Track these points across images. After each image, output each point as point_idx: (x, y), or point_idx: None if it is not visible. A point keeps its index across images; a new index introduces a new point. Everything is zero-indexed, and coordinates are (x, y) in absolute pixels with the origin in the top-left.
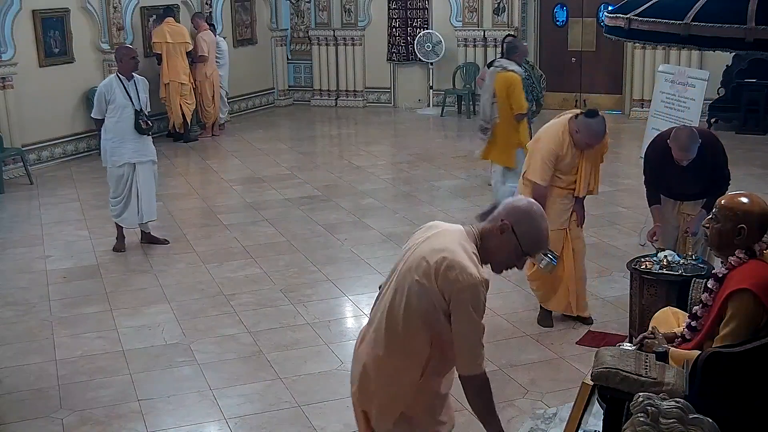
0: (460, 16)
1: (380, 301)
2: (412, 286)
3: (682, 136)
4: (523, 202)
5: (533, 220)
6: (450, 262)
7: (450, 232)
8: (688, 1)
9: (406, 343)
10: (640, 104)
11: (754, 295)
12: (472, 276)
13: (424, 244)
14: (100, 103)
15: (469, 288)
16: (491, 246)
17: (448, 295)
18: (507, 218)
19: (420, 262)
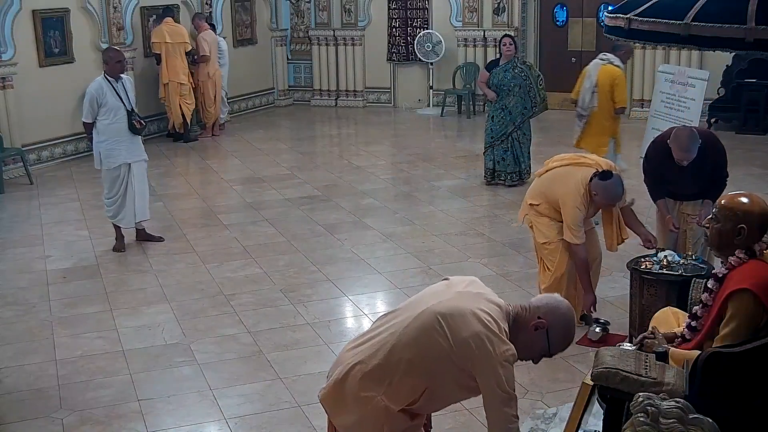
0: (460, 16)
1: (391, 322)
2: (435, 332)
3: (683, 137)
4: (564, 306)
5: (567, 328)
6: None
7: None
8: (688, 1)
9: (398, 379)
10: (640, 104)
11: (754, 295)
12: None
13: (461, 297)
14: (92, 106)
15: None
16: (520, 337)
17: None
18: (545, 317)
19: (453, 314)
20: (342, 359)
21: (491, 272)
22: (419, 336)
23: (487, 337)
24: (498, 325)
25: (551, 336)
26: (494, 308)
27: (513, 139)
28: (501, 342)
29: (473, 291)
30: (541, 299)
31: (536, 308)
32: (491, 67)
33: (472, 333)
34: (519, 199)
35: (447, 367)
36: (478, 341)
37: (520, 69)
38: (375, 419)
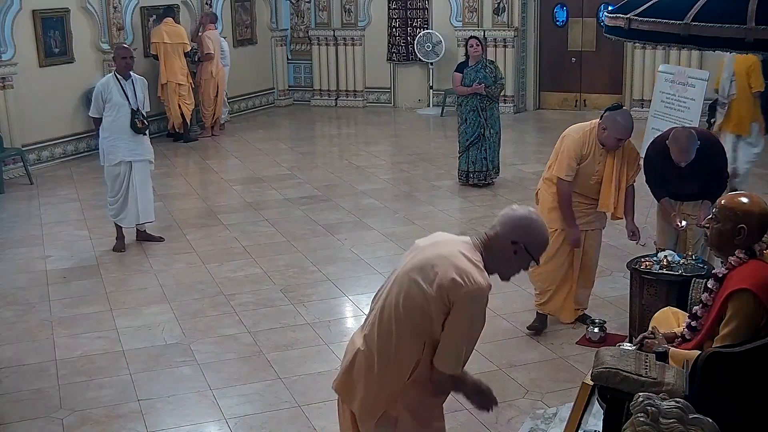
0: (460, 16)
1: (378, 300)
2: (412, 288)
3: (681, 138)
4: (524, 218)
5: (539, 232)
6: (456, 268)
7: (454, 241)
8: (688, 1)
9: (398, 343)
10: (640, 104)
11: (754, 295)
12: (478, 283)
13: (429, 249)
14: (97, 102)
15: (474, 294)
16: (500, 262)
17: (452, 298)
18: (519, 239)
19: (424, 266)
20: (350, 347)
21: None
22: (400, 300)
23: (458, 272)
24: (468, 257)
25: (531, 250)
26: (462, 245)
27: (486, 138)
28: (476, 271)
29: (438, 241)
30: (504, 221)
31: (505, 234)
32: (461, 69)
33: (443, 273)
34: (519, 199)
35: (434, 314)
36: (452, 278)
37: (490, 69)
38: (388, 396)
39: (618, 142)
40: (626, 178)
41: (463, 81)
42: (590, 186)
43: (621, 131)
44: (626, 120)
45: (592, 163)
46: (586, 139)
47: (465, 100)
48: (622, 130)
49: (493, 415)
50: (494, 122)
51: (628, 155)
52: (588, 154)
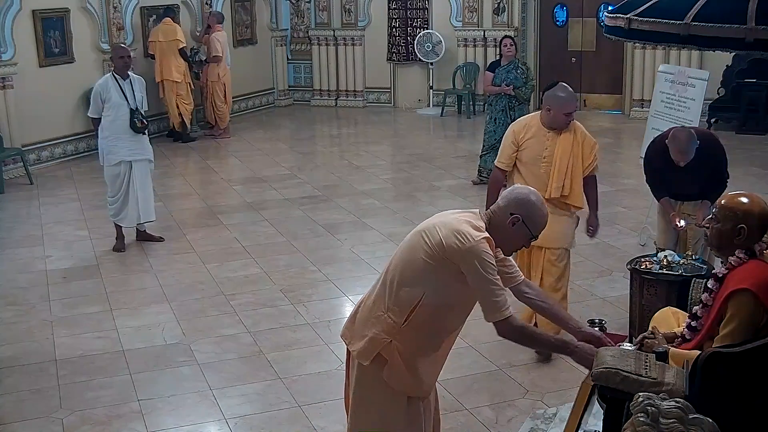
0: (460, 16)
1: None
2: (417, 243)
3: (680, 137)
4: (525, 194)
5: (538, 209)
6: (455, 230)
7: (460, 212)
8: (688, 1)
9: (398, 288)
10: (640, 104)
11: (754, 295)
12: (472, 237)
13: (436, 218)
14: (96, 102)
15: (472, 248)
16: (502, 235)
17: (456, 258)
18: (517, 211)
19: (428, 227)
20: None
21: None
22: (406, 254)
23: (456, 233)
24: (471, 222)
25: (529, 223)
26: (467, 214)
27: None
28: (475, 230)
29: (445, 213)
30: (506, 198)
31: (505, 207)
32: (493, 68)
33: (444, 233)
34: None
35: (437, 269)
36: (456, 236)
37: (522, 70)
38: (384, 334)
39: (567, 118)
40: (582, 167)
41: (494, 80)
42: (540, 176)
43: (565, 104)
44: (566, 92)
45: (537, 147)
46: (527, 122)
47: (495, 99)
48: (565, 103)
49: (493, 415)
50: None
51: (582, 142)
52: (529, 137)
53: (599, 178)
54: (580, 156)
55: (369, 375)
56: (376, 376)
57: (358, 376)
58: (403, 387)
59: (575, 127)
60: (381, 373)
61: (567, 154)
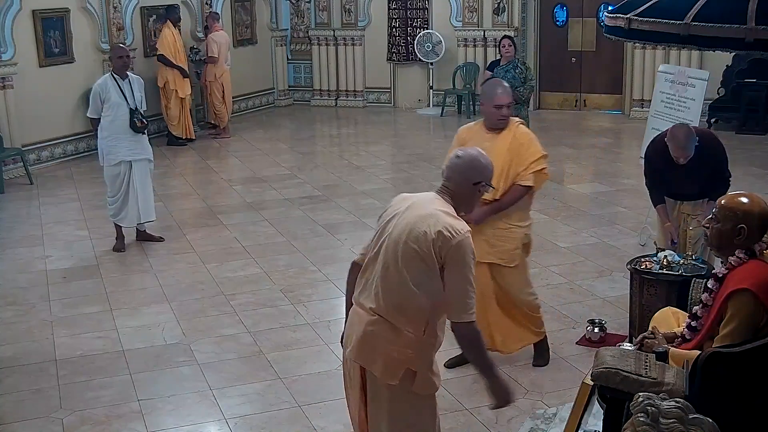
0: (460, 16)
1: (373, 272)
2: (406, 252)
3: (679, 134)
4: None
5: (488, 164)
6: (442, 224)
7: (427, 199)
8: (688, 1)
9: (407, 305)
10: (640, 104)
11: (754, 295)
12: (461, 233)
13: (408, 213)
14: (95, 102)
15: (462, 243)
16: (466, 203)
17: (444, 253)
18: (480, 179)
19: (412, 229)
20: (355, 319)
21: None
22: (400, 266)
23: (443, 227)
24: (444, 211)
25: (485, 180)
26: (435, 202)
27: None
28: (456, 222)
29: (414, 203)
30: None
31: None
32: (492, 67)
33: (431, 230)
34: None
35: (431, 271)
36: (439, 233)
37: (521, 70)
38: (408, 350)
39: (497, 112)
40: (517, 171)
41: None
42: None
43: (494, 97)
44: (495, 85)
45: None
46: (473, 125)
47: None
48: (494, 96)
49: (493, 415)
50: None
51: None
52: (469, 139)
53: (599, 178)
54: (518, 159)
55: (398, 392)
56: (405, 390)
57: (390, 396)
58: (430, 389)
59: (517, 130)
60: (410, 386)
61: (503, 155)
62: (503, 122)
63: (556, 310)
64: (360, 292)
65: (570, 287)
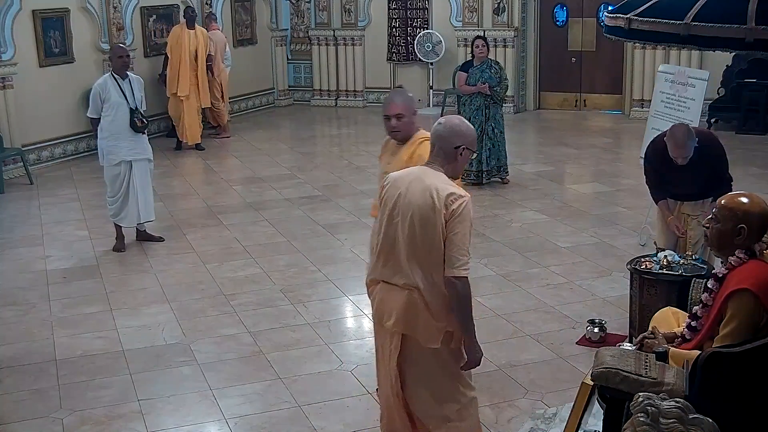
0: (460, 16)
1: (389, 251)
2: (421, 219)
3: (677, 133)
4: (454, 125)
5: (467, 128)
6: (447, 190)
7: (424, 173)
8: (688, 1)
9: (435, 272)
10: (640, 104)
11: (754, 295)
12: (464, 194)
13: (413, 187)
14: (95, 102)
15: (466, 202)
16: (457, 167)
17: (449, 215)
18: (459, 143)
19: (420, 199)
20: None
21: (491, 272)
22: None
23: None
24: (443, 179)
25: (470, 145)
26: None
27: (488, 132)
28: (456, 188)
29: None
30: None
31: (449, 145)
32: (466, 68)
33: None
34: (519, 199)
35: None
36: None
37: (495, 69)
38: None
39: (386, 122)
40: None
41: (468, 80)
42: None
43: (383, 107)
44: (388, 95)
45: (384, 162)
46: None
47: (469, 99)
48: (383, 106)
49: (493, 415)
50: (498, 121)
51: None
52: (383, 153)
53: (599, 178)
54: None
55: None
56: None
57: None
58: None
59: (419, 146)
60: (450, 346)
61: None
62: (396, 134)
63: (556, 310)
64: (383, 271)
65: (570, 287)
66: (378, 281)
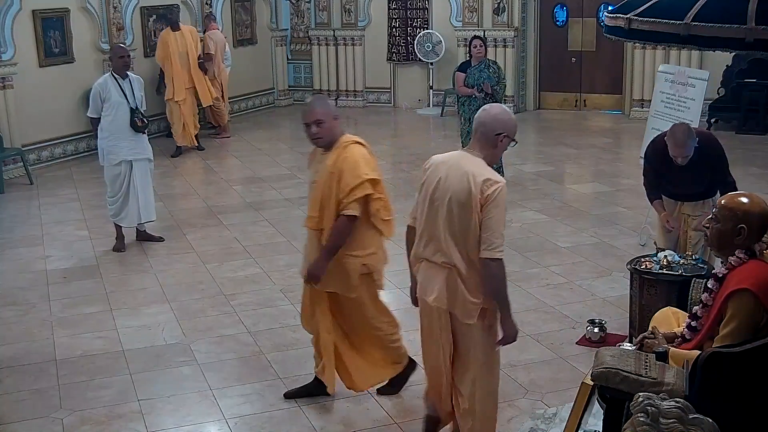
0: (460, 16)
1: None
2: (459, 203)
3: (677, 132)
4: (495, 112)
5: (509, 119)
6: (483, 176)
7: (463, 158)
8: (688, 1)
9: (470, 250)
10: (640, 104)
11: (754, 295)
12: (500, 180)
13: (452, 172)
14: (95, 101)
15: (502, 188)
16: (496, 153)
17: (485, 199)
18: (500, 130)
19: (458, 184)
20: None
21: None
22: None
23: (486, 176)
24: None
25: (511, 133)
26: (472, 159)
27: None
28: (493, 173)
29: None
30: (483, 123)
31: (490, 131)
32: (464, 68)
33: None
34: (519, 199)
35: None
36: (485, 181)
37: (494, 69)
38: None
39: (308, 130)
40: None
41: (466, 81)
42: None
43: (303, 114)
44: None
45: (312, 170)
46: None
47: (468, 99)
48: (304, 113)
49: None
50: None
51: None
52: (311, 159)
53: (599, 178)
54: (340, 186)
55: (478, 328)
56: (483, 327)
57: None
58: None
59: (343, 152)
60: (484, 322)
61: (324, 179)
62: (318, 141)
63: (556, 310)
64: (426, 250)
65: (570, 287)
66: (421, 260)
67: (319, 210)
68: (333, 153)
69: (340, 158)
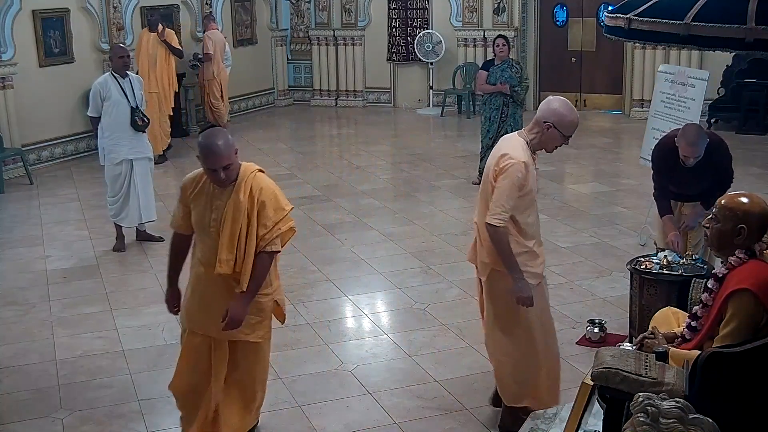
0: (460, 16)
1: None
2: (487, 173)
3: (689, 132)
4: (555, 103)
5: (566, 115)
6: (503, 151)
7: (509, 139)
8: (688, 1)
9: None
10: (640, 104)
11: (754, 295)
12: (516, 156)
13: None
14: (96, 100)
15: (511, 165)
16: (542, 140)
17: (499, 171)
18: (549, 120)
19: (492, 158)
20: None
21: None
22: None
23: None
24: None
25: (559, 127)
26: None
27: (506, 132)
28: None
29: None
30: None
31: (540, 118)
32: (487, 67)
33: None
34: None
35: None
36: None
37: (516, 69)
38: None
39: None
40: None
41: (488, 80)
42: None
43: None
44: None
45: (205, 209)
46: (198, 174)
47: (489, 98)
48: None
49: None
50: (517, 121)
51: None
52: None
53: (599, 178)
54: (259, 220)
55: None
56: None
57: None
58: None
59: (254, 182)
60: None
61: (234, 215)
62: (225, 183)
63: (556, 310)
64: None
65: (570, 287)
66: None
67: (235, 250)
68: (241, 185)
69: (254, 190)
